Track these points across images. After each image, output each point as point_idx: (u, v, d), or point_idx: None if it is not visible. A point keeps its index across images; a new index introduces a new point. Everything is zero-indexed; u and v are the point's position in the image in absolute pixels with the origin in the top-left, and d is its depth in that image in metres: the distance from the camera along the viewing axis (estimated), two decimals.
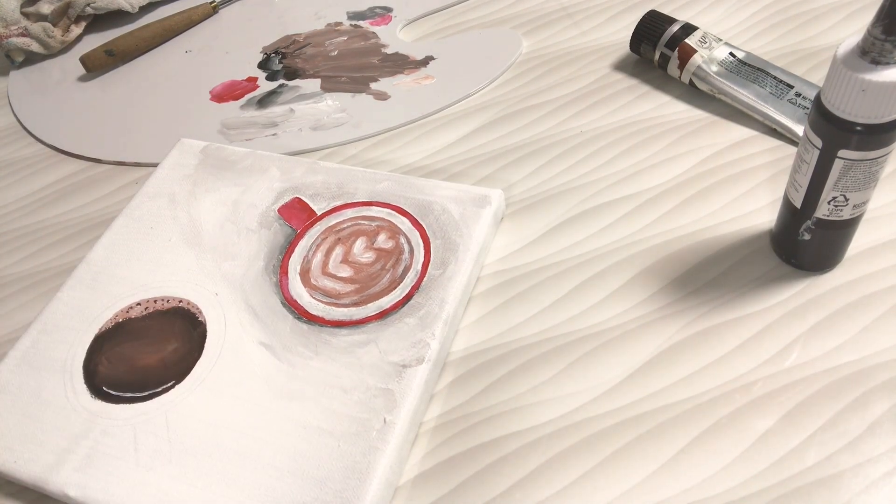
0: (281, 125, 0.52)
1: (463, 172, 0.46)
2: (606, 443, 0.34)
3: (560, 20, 0.55)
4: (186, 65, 0.59)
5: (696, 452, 0.33)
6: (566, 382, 0.36)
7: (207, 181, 0.46)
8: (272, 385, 0.36)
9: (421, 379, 0.35)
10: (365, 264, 0.40)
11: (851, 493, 0.31)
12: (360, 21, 0.59)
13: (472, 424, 0.35)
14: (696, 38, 0.47)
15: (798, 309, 0.37)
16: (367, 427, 0.34)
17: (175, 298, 0.40)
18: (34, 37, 0.60)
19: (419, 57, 0.55)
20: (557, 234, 0.42)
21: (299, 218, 0.43)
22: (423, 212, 0.42)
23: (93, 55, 0.58)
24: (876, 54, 0.29)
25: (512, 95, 0.51)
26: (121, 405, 0.36)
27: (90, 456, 0.35)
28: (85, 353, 0.38)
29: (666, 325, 0.37)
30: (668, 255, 0.40)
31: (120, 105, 0.56)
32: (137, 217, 0.45)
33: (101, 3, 0.62)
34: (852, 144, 0.31)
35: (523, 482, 0.33)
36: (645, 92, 0.49)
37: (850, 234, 0.36)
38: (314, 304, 0.39)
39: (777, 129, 0.45)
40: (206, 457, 0.34)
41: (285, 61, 0.57)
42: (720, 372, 0.35)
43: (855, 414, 0.33)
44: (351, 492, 0.32)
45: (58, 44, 0.61)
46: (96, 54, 0.58)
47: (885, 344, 0.35)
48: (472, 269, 0.39)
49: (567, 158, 0.46)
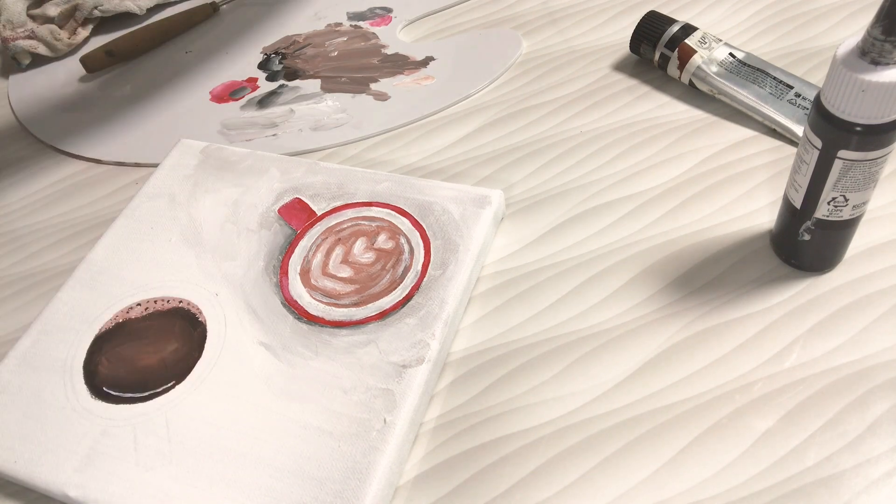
0: (281, 126, 0.52)
1: (463, 173, 0.46)
2: (606, 443, 0.34)
3: (561, 20, 0.55)
4: (186, 65, 0.59)
5: (696, 452, 0.33)
6: (566, 382, 0.36)
7: (207, 181, 0.46)
8: (272, 385, 0.36)
9: (421, 379, 0.35)
10: (365, 265, 0.40)
11: (851, 493, 0.31)
12: (360, 22, 0.59)
13: (472, 425, 0.35)
14: (696, 39, 0.47)
15: (798, 309, 0.37)
16: (367, 427, 0.34)
17: (175, 299, 0.40)
18: (41, 39, 0.59)
19: (419, 57, 0.55)
20: (557, 234, 0.42)
21: (299, 218, 0.43)
22: (424, 212, 0.42)
23: (92, 56, 0.58)
24: (876, 55, 0.29)
25: (512, 96, 0.51)
26: (121, 405, 0.36)
27: (90, 456, 0.35)
28: (85, 353, 0.38)
29: (666, 325, 0.37)
30: (668, 255, 0.40)
31: (120, 105, 0.56)
32: (137, 217, 0.45)
33: (109, 5, 0.62)
34: (852, 145, 0.31)
35: (523, 482, 0.33)
36: (645, 92, 0.49)
37: (850, 234, 0.36)
38: (314, 305, 0.39)
39: (777, 129, 0.45)
40: (207, 457, 0.34)
41: (285, 62, 0.57)
42: (720, 372, 0.35)
43: (855, 414, 0.33)
44: (351, 492, 0.32)
45: (64, 46, 0.61)
46: (96, 55, 0.58)
47: (885, 344, 0.35)
48: (473, 270, 0.39)
49: (567, 159, 0.46)
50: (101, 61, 0.58)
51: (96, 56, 0.58)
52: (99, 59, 0.58)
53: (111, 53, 0.58)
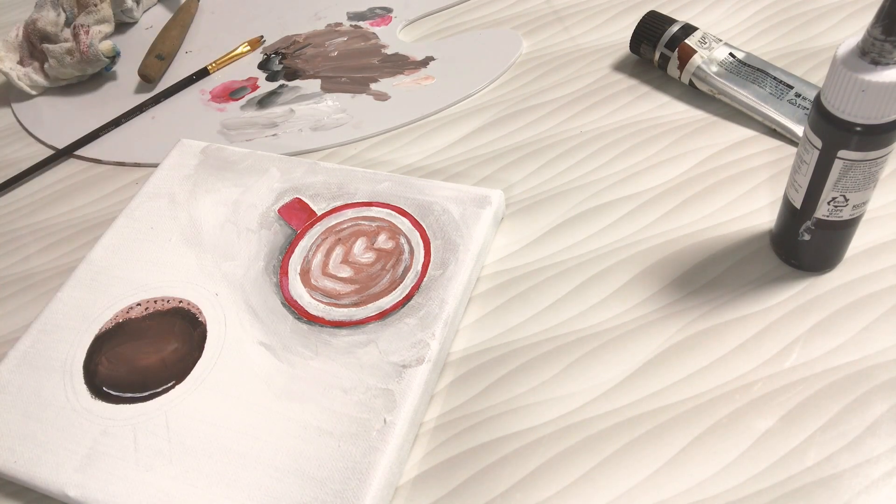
0: (281, 125, 0.52)
1: (463, 173, 0.46)
2: (606, 443, 0.34)
3: (562, 19, 0.55)
4: (186, 65, 0.59)
5: (696, 452, 0.33)
6: (566, 382, 0.36)
7: (207, 181, 0.46)
8: (272, 385, 0.36)
9: (421, 379, 0.35)
10: (365, 265, 0.40)
11: (851, 493, 0.31)
12: (360, 22, 0.59)
13: (472, 425, 0.35)
14: (696, 39, 0.47)
15: (798, 309, 0.37)
16: (367, 427, 0.34)
17: (175, 299, 0.40)
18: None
19: (419, 57, 0.55)
20: (557, 234, 0.42)
21: (299, 218, 0.43)
22: (424, 212, 0.42)
23: (149, 64, 0.57)
24: (876, 55, 0.29)
25: (512, 96, 0.51)
26: (121, 405, 0.36)
27: (90, 456, 0.35)
28: (85, 353, 0.38)
29: (666, 325, 0.37)
30: (668, 256, 0.40)
31: (120, 106, 0.56)
32: (137, 217, 0.45)
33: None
34: (852, 145, 0.31)
35: (523, 482, 0.33)
36: (645, 92, 0.49)
37: (850, 234, 0.36)
38: (314, 305, 0.39)
39: (777, 129, 0.45)
40: (207, 457, 0.34)
41: (285, 62, 0.57)
42: (720, 372, 0.35)
43: (855, 414, 0.33)
44: (351, 492, 0.32)
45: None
46: (151, 62, 0.57)
47: (885, 344, 0.35)
48: (473, 270, 0.39)
49: (567, 159, 0.46)
50: (157, 67, 0.57)
51: (152, 64, 0.57)
52: (154, 65, 0.57)
53: (161, 57, 0.57)
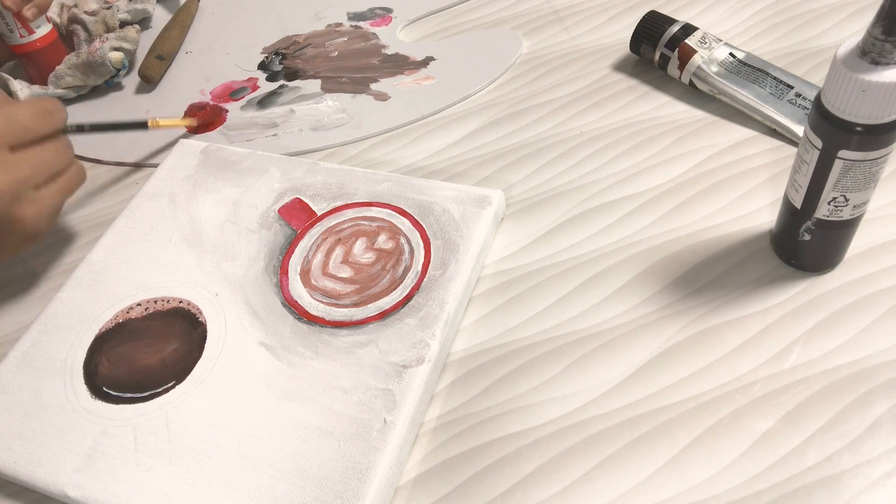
0: (281, 126, 0.52)
1: (463, 173, 0.46)
2: (606, 443, 0.34)
3: (563, 19, 0.55)
4: (186, 65, 0.59)
5: (696, 453, 0.33)
6: (566, 382, 0.36)
7: (208, 182, 0.46)
8: (272, 385, 0.36)
9: (421, 379, 0.35)
10: (365, 265, 0.40)
11: (851, 493, 0.31)
12: (361, 22, 0.59)
13: (472, 425, 0.35)
14: (696, 39, 0.47)
15: (798, 309, 0.37)
16: (367, 427, 0.33)
17: (175, 299, 0.40)
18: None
19: (419, 57, 0.55)
20: (557, 234, 0.42)
21: (299, 218, 0.43)
22: (424, 212, 0.42)
23: (149, 64, 0.57)
24: (876, 55, 0.29)
25: (512, 96, 0.51)
26: (121, 405, 0.36)
27: (90, 456, 0.35)
28: (85, 353, 0.38)
29: (666, 325, 0.37)
30: (668, 256, 0.40)
31: (120, 106, 0.56)
32: (138, 217, 0.45)
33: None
34: (852, 145, 0.31)
35: (523, 483, 0.33)
36: (645, 92, 0.49)
37: (850, 234, 0.36)
38: (314, 305, 0.39)
39: (777, 129, 0.45)
40: (206, 457, 0.34)
41: (286, 62, 0.57)
42: (720, 372, 0.35)
43: (855, 414, 0.33)
44: (351, 492, 0.32)
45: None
46: (151, 63, 0.57)
47: (885, 344, 0.35)
48: (473, 270, 0.39)
49: (567, 159, 0.46)
50: (157, 67, 0.57)
51: (152, 64, 0.57)
52: (155, 65, 0.57)
53: (161, 58, 0.57)
